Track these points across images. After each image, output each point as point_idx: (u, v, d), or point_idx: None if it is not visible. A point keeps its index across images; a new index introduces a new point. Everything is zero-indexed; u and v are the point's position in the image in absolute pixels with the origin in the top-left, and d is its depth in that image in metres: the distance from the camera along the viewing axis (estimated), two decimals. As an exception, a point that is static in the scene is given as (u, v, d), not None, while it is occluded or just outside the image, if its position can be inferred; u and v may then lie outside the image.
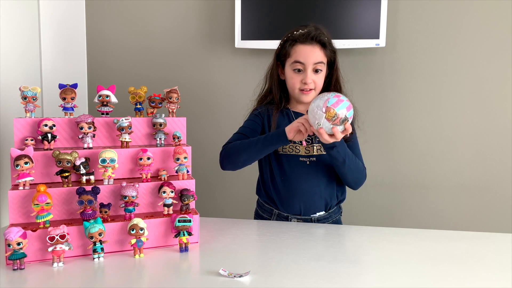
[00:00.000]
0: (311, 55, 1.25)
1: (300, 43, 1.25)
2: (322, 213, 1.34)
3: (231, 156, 1.27)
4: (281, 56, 1.31)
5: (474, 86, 1.87)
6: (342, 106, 1.06)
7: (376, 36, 1.79)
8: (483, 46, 1.84)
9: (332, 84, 1.33)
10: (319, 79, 1.28)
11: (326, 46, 1.27)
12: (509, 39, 1.81)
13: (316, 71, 1.26)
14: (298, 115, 1.34)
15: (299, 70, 1.26)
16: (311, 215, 1.33)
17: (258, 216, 1.42)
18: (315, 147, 1.31)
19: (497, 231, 1.25)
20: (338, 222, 1.40)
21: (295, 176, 1.30)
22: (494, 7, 1.80)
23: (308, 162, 1.30)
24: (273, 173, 1.34)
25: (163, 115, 1.19)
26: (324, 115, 1.05)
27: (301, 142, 1.30)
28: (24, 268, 0.95)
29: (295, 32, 1.27)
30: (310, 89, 1.27)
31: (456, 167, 1.92)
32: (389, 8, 1.81)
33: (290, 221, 1.33)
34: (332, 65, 1.32)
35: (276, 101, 1.35)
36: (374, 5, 1.77)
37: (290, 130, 1.16)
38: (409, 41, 1.88)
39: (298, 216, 1.33)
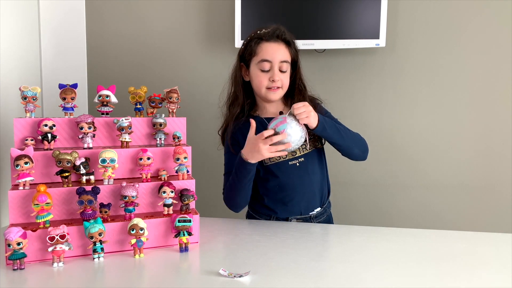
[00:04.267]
0: (277, 52, 1.24)
1: (266, 41, 1.25)
2: (318, 209, 1.35)
3: (231, 204, 1.31)
4: (245, 56, 1.29)
5: (474, 85, 1.87)
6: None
7: (376, 36, 1.79)
8: (483, 46, 1.83)
9: (296, 83, 1.33)
10: (286, 78, 1.28)
11: (290, 44, 1.27)
12: (509, 39, 1.81)
13: (282, 71, 1.26)
14: (270, 120, 1.29)
15: (266, 70, 1.25)
16: (310, 213, 1.34)
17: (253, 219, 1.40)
18: (299, 148, 1.30)
19: (497, 231, 1.25)
20: (330, 216, 1.42)
21: (291, 181, 1.30)
22: (494, 7, 1.80)
23: (298, 164, 1.30)
24: (267, 183, 1.32)
25: (163, 115, 1.19)
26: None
27: None
28: (24, 268, 0.95)
29: (258, 31, 1.26)
30: (278, 87, 1.26)
31: (456, 167, 1.92)
32: (389, 8, 1.81)
33: (290, 221, 1.33)
34: (295, 65, 1.31)
35: (241, 103, 1.32)
36: (374, 5, 1.77)
37: (248, 154, 1.16)
38: (409, 41, 1.88)
39: (298, 216, 1.34)
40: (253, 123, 1.18)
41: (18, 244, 0.93)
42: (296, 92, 1.33)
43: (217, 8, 1.99)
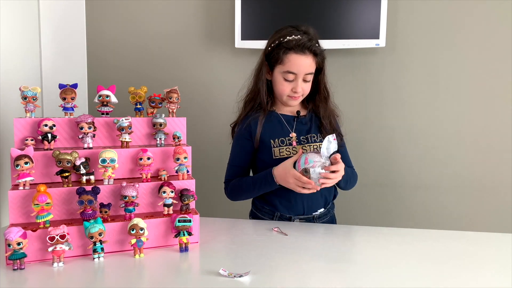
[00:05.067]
0: (303, 65, 1.25)
1: (294, 53, 1.24)
2: (322, 210, 1.36)
3: (235, 197, 1.37)
4: (271, 59, 1.29)
5: (474, 85, 1.87)
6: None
7: (376, 36, 1.79)
8: (483, 46, 1.83)
9: (320, 89, 1.35)
10: (307, 87, 1.30)
11: (317, 55, 1.27)
12: (509, 39, 1.81)
13: (305, 80, 1.28)
14: (286, 117, 1.35)
15: (290, 80, 1.27)
16: (313, 213, 1.34)
17: (256, 218, 1.41)
18: (310, 147, 1.31)
19: (497, 231, 1.25)
20: (333, 217, 1.43)
21: None
22: (494, 6, 1.80)
23: None
24: None
25: (163, 115, 1.19)
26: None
27: (292, 143, 1.31)
28: (24, 268, 0.95)
29: (288, 37, 1.24)
30: (298, 96, 1.30)
31: (456, 167, 1.92)
32: (389, 8, 1.81)
33: (293, 221, 1.33)
34: (319, 69, 1.32)
35: (264, 105, 1.34)
36: (374, 5, 1.77)
37: (279, 178, 1.22)
38: (409, 41, 1.88)
39: (301, 216, 1.33)
40: (300, 153, 1.21)
41: (18, 244, 0.93)
42: (319, 98, 1.36)
43: (217, 8, 1.98)
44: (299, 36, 1.24)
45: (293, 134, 1.32)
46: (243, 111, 1.39)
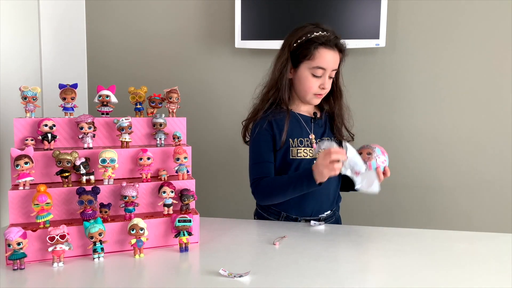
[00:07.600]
0: (333, 61, 1.25)
1: (326, 48, 1.23)
2: (328, 212, 1.35)
3: (267, 197, 1.29)
4: (298, 55, 1.26)
5: (474, 86, 1.87)
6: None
7: (376, 36, 1.78)
8: (483, 46, 1.83)
9: (335, 88, 1.34)
10: (330, 84, 1.30)
11: (343, 52, 1.28)
12: (509, 39, 1.80)
13: (330, 77, 1.28)
14: (304, 117, 1.34)
15: (318, 76, 1.25)
16: (320, 215, 1.33)
17: (261, 218, 1.39)
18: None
19: (497, 231, 1.25)
20: (339, 218, 1.42)
21: None
22: (494, 6, 1.80)
23: None
24: None
25: (163, 115, 1.19)
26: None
27: (311, 145, 1.30)
28: (24, 268, 0.95)
29: (315, 33, 1.23)
30: (324, 93, 1.29)
31: (456, 167, 1.92)
32: (389, 8, 1.81)
33: (299, 221, 1.32)
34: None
35: (285, 103, 1.30)
36: (374, 5, 1.77)
37: (321, 175, 1.14)
38: (409, 41, 1.88)
39: (308, 217, 1.33)
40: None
41: (18, 244, 0.93)
42: (335, 97, 1.35)
43: (217, 8, 1.98)
44: (325, 32, 1.24)
45: (312, 136, 1.31)
46: (261, 107, 1.33)
